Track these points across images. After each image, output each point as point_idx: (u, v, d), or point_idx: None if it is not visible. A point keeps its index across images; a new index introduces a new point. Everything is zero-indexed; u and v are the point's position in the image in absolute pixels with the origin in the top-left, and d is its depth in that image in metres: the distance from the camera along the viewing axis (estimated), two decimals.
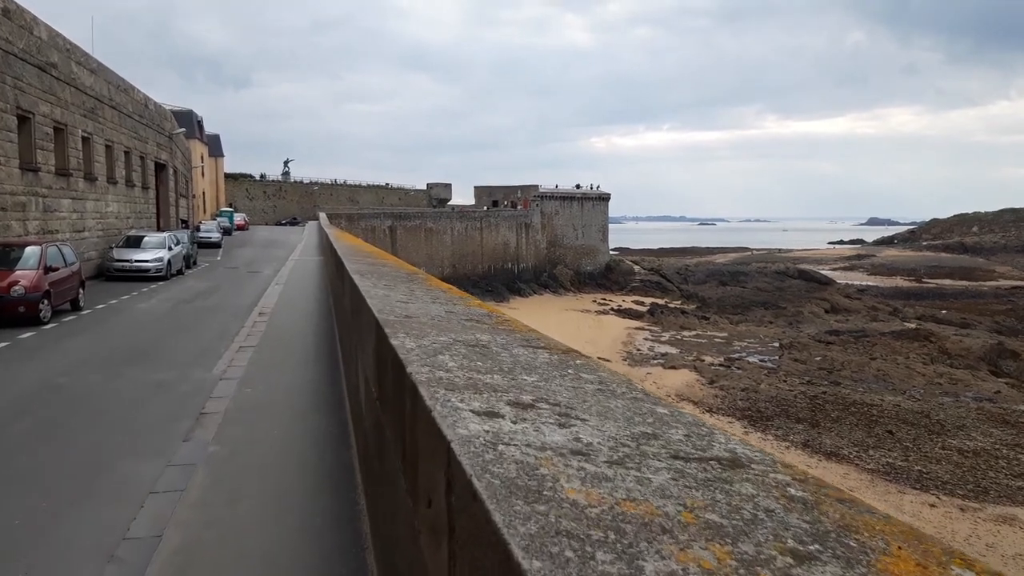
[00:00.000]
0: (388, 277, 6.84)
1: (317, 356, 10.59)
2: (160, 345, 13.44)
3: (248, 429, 7.08)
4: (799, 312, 70.96)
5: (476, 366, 2.83)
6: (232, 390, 8.84)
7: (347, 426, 6.89)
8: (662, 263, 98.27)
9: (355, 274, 6.67)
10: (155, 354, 12.53)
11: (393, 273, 7.57)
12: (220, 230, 47.83)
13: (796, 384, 37.74)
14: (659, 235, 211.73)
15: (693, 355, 50.38)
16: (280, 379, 9.22)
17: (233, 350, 12.11)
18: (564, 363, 3.06)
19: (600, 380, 2.71)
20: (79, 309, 17.90)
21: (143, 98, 33.35)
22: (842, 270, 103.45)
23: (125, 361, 11.89)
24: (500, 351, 3.25)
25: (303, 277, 24.87)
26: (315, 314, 15.35)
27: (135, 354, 12.54)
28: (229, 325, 15.30)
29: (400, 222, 75.67)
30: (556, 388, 2.50)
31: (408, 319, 4.03)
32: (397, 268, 8.54)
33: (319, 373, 9.30)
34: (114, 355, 12.52)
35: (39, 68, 21.44)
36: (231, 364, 10.76)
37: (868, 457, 26.19)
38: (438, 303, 4.98)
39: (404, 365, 2.75)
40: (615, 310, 72.96)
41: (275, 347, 11.62)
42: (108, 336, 14.56)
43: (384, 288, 5.66)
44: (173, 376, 10.56)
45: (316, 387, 8.61)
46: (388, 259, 10.65)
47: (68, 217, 23.66)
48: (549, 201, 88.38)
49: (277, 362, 10.49)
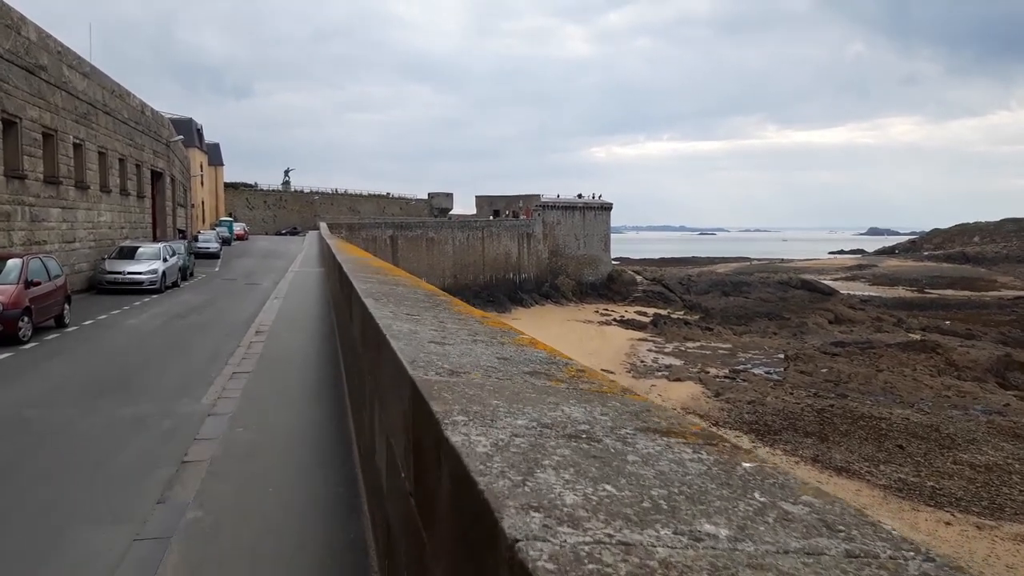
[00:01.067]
0: (408, 302, 5.57)
1: (319, 387, 9.29)
2: (146, 369, 12.14)
3: (238, 487, 5.77)
4: (803, 323, 70.16)
5: (612, 503, 1.54)
6: (222, 429, 7.54)
7: (356, 484, 5.60)
8: (664, 273, 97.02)
9: (367, 298, 5.40)
10: (139, 380, 11.23)
11: (412, 295, 6.31)
12: (219, 240, 46.52)
13: (803, 397, 37.02)
14: (659, 245, 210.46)
15: (697, 367, 49.81)
16: (277, 417, 7.92)
17: (226, 376, 10.81)
18: (729, 471, 1.79)
19: (817, 513, 1.47)
20: (64, 326, 16.59)
21: (139, 104, 32.09)
22: (844, 280, 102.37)
23: (105, 389, 10.58)
24: (619, 448, 1.96)
25: (303, 290, 23.57)
26: (316, 334, 14.05)
27: (117, 380, 11.24)
28: (223, 345, 14.00)
29: (401, 232, 74.52)
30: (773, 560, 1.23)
31: (455, 377, 2.75)
32: (413, 287, 7.29)
33: (323, 411, 8.00)
34: (94, 381, 11.21)
35: (27, 71, 20.20)
36: (222, 394, 9.46)
37: (879, 473, 25.49)
38: (480, 341, 3.71)
39: (492, 510, 1.46)
40: (618, 321, 71.96)
41: (272, 373, 10.31)
42: (91, 358, 13.26)
43: (408, 320, 4.39)
44: (156, 409, 9.26)
45: (319, 430, 7.30)
46: (400, 275, 9.39)
47: (57, 227, 22.38)
48: (551, 211, 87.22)
49: (274, 393, 9.20)
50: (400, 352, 3.10)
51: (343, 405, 7.93)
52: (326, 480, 5.79)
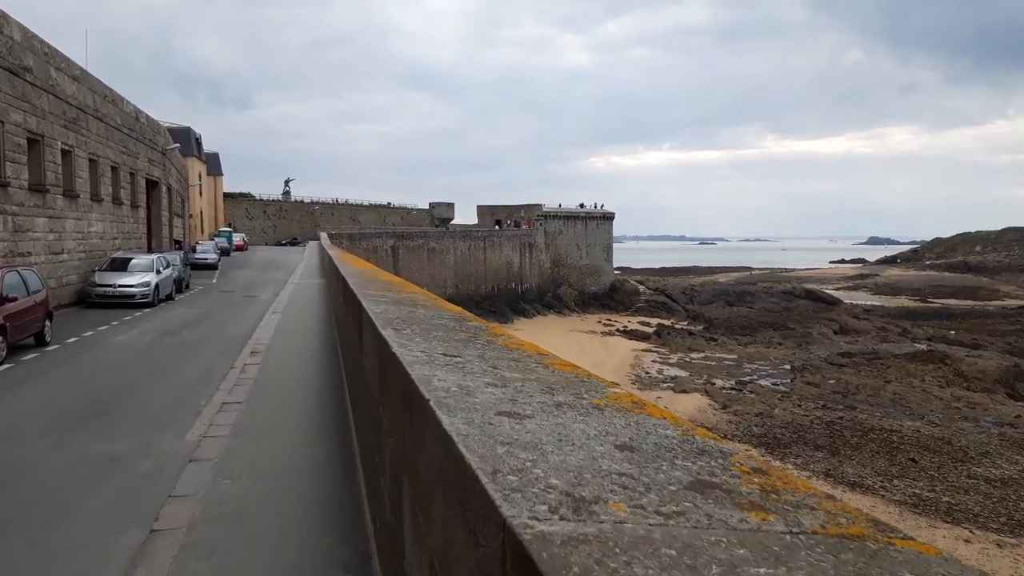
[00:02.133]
0: (437, 331, 4.26)
1: (321, 422, 7.96)
2: (129, 394, 10.79)
3: (217, 569, 4.44)
4: (808, 333, 69.31)
5: None
6: (204, 480, 6.20)
7: (371, 566, 4.28)
8: (667, 283, 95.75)
9: (386, 328, 4.10)
10: (120, 408, 9.89)
11: (437, 319, 5.00)
12: (217, 251, 45.21)
13: (811, 409, 36.26)
14: (660, 254, 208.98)
15: (703, 378, 49.29)
16: (271, 463, 6.56)
17: (216, 404, 9.48)
18: None
19: None
20: (44, 344, 15.22)
21: (133, 110, 30.75)
22: (846, 289, 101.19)
23: (79, 419, 9.25)
24: None
25: (303, 304, 22.25)
26: (317, 353, 12.72)
27: (96, 407, 9.90)
28: (216, 366, 12.66)
29: (402, 242, 73.32)
30: None
31: (585, 523, 1.40)
32: (436, 307, 5.98)
33: (325, 455, 6.65)
34: (70, 408, 9.87)
35: (10, 72, 18.90)
36: (209, 430, 8.11)
37: (893, 487, 24.80)
38: (567, 405, 2.39)
39: None
40: (621, 331, 71.01)
41: (267, 404, 8.97)
42: (69, 381, 11.91)
43: (449, 365, 3.07)
44: (134, 445, 7.93)
45: (322, 483, 5.96)
46: (414, 290, 8.07)
47: (43, 238, 21.02)
48: (553, 220, 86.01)
49: (269, 430, 7.85)
50: (463, 445, 1.78)
51: (350, 447, 6.59)
52: (330, 560, 4.44)
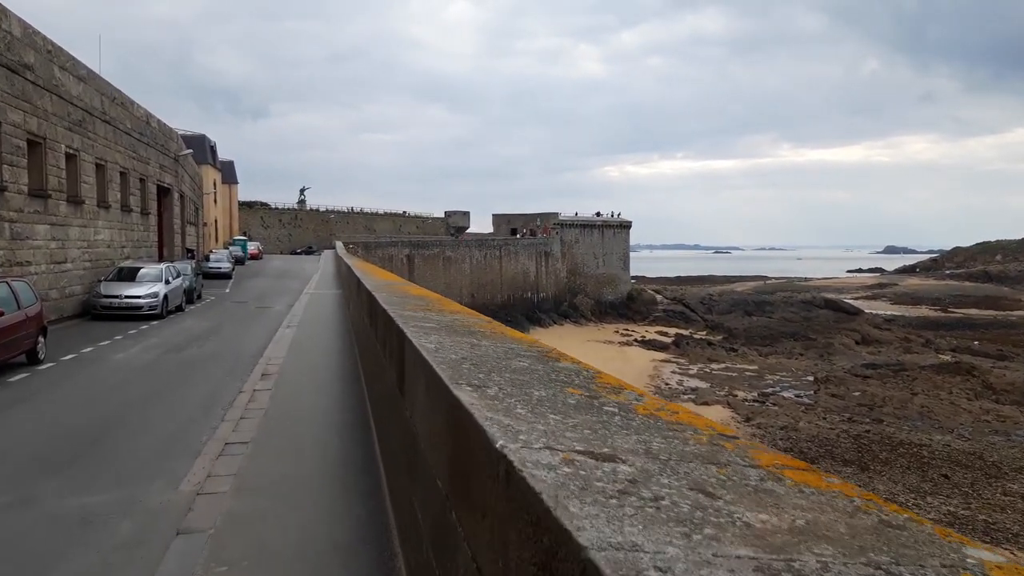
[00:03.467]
0: (538, 386, 2.70)
1: (344, 474, 6.34)
2: (120, 426, 9.21)
3: None
4: (829, 343, 67.58)
5: None
6: (191, 566, 4.60)
7: None
8: (684, 292, 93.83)
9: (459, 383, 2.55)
10: (106, 445, 8.32)
11: (520, 362, 3.42)
12: (231, 260, 43.82)
13: (836, 422, 35.15)
14: (675, 263, 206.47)
15: (725, 390, 48.10)
16: (284, 539, 4.95)
17: (218, 442, 7.89)
18: None
19: None
20: (37, 362, 13.68)
21: (144, 114, 29.31)
22: (865, 299, 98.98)
23: (58, 460, 7.68)
24: None
25: (319, 316, 20.69)
26: (336, 376, 11.13)
27: (78, 444, 8.34)
28: (222, 390, 11.09)
29: (418, 251, 72.01)
30: None
31: None
32: (501, 334, 4.44)
33: (351, 532, 5.01)
34: (49, 445, 8.31)
35: (8, 69, 17.47)
36: (206, 482, 6.50)
37: (927, 505, 23.67)
38: None
39: None
40: (639, 341, 69.53)
41: (279, 446, 7.36)
42: (56, 407, 10.35)
43: (626, 506, 1.47)
44: (113, 501, 6.34)
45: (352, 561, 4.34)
46: (458, 310, 6.47)
47: (44, 246, 19.55)
48: (569, 229, 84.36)
49: (280, 484, 6.24)
50: None
51: (383, 521, 4.96)
52: None
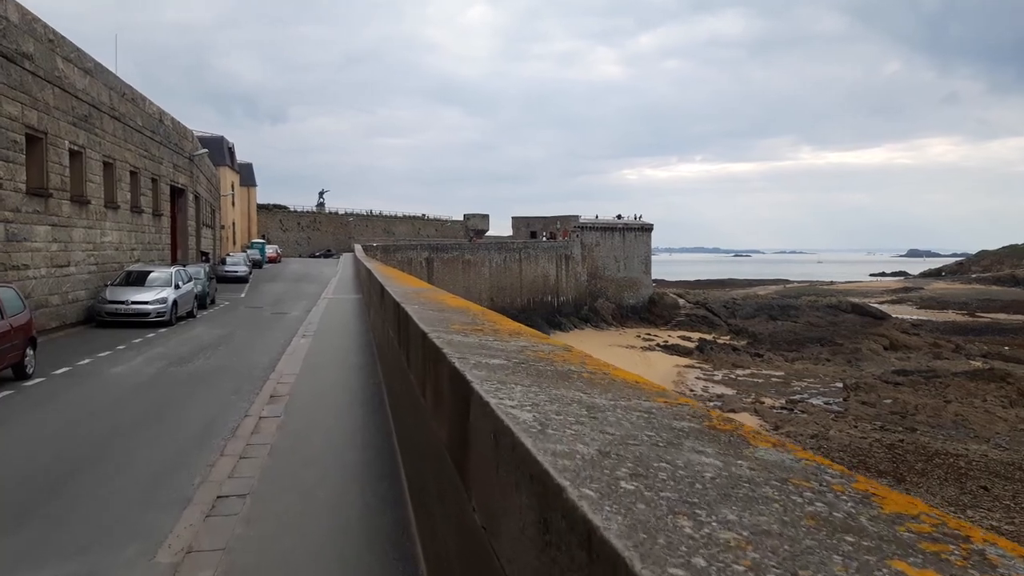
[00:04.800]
0: (720, 500, 1.05)
1: (369, 541, 4.73)
2: (99, 461, 7.62)
3: None
4: (857, 349, 65.84)
5: None
6: None
7: None
8: (707, 296, 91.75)
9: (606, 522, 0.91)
10: (77, 489, 6.73)
11: (673, 440, 1.81)
12: (248, 263, 42.32)
13: (868, 430, 33.86)
14: (694, 266, 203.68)
15: (751, 396, 46.60)
16: None
17: (212, 488, 6.29)
18: None
19: None
20: (24, 377, 12.15)
21: (157, 112, 27.86)
22: (890, 303, 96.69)
23: (20, 504, 6.14)
24: None
25: (338, 324, 19.10)
26: (355, 399, 9.49)
27: (45, 487, 6.76)
28: (224, 414, 9.50)
29: (437, 254, 70.56)
30: None
31: None
32: (583, 365, 2.91)
33: None
34: (11, 485, 6.78)
35: (4, 57, 16.00)
36: (189, 553, 4.90)
37: (969, 519, 21.87)
38: None
39: None
40: (661, 346, 67.93)
41: (286, 501, 5.71)
42: (32, 435, 8.78)
43: None
44: (75, 571, 4.80)
45: None
46: (516, 328, 4.89)
47: (44, 248, 18.07)
48: (589, 232, 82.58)
49: (288, 559, 4.63)
50: None
51: None
52: None
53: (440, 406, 3.50)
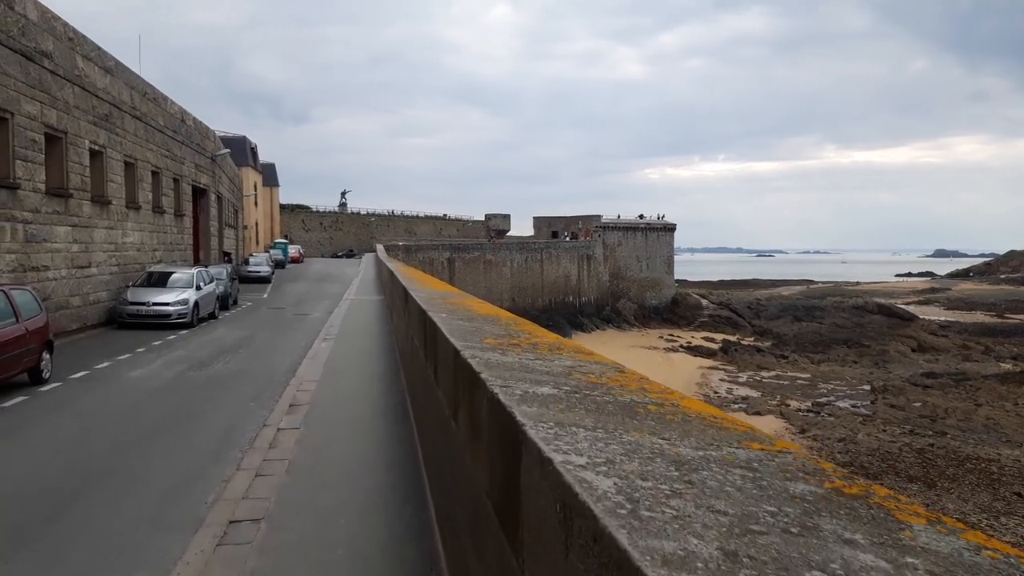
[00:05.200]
0: None
1: None
2: (104, 480, 7.15)
3: None
4: (884, 350, 64.76)
5: None
6: None
7: None
8: (731, 297, 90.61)
9: None
10: (86, 503, 6.31)
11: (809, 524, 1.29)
12: (271, 264, 42.15)
13: (897, 434, 33.28)
14: (717, 267, 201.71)
15: (777, 399, 45.98)
16: None
17: (225, 510, 5.86)
18: None
19: None
20: (40, 382, 11.83)
21: (179, 111, 27.64)
22: (916, 304, 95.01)
23: (18, 527, 5.74)
24: None
25: (360, 327, 18.69)
26: (377, 411, 9.02)
27: (53, 501, 6.35)
28: (242, 423, 9.08)
29: (458, 254, 70.23)
30: None
31: None
32: (647, 393, 2.40)
33: None
34: (16, 502, 6.37)
35: (23, 56, 15.76)
36: None
37: (1001, 526, 21.93)
38: None
39: None
40: (685, 347, 67.15)
41: (299, 531, 5.26)
42: (43, 446, 8.38)
43: None
44: None
45: None
46: (547, 337, 4.38)
47: (65, 249, 17.82)
48: (611, 232, 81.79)
49: None
50: None
51: None
52: None
53: (477, 440, 3.01)
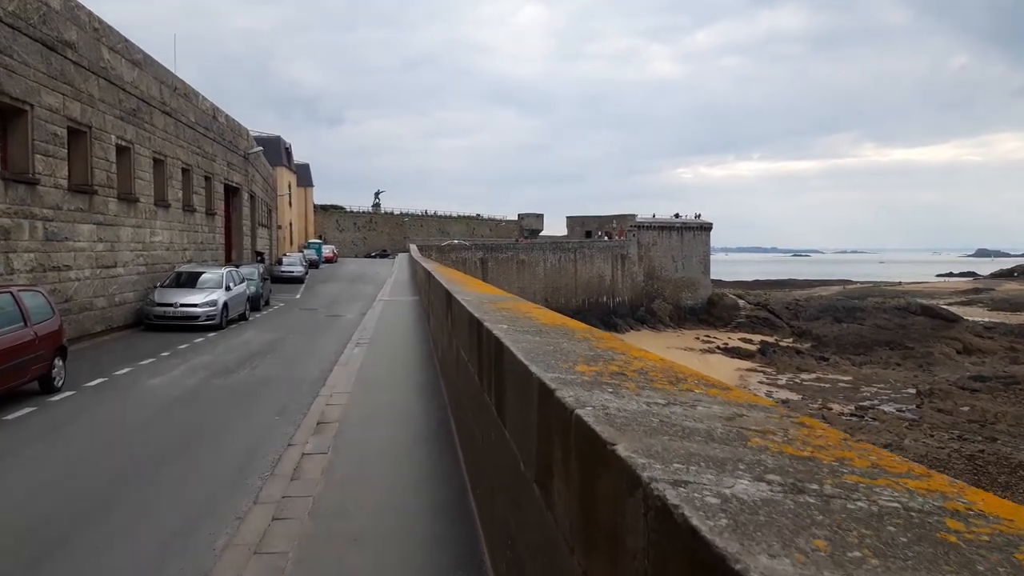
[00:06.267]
0: None
1: None
2: (114, 504, 6.07)
3: None
4: (928, 353, 62.54)
5: None
6: None
7: None
8: (769, 297, 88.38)
9: None
10: (75, 548, 5.21)
11: None
12: (304, 264, 41.35)
13: (946, 440, 32.20)
14: (752, 266, 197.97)
15: (818, 402, 44.44)
16: None
17: (239, 554, 4.72)
18: None
19: None
20: (51, 391, 10.83)
21: (210, 108, 26.76)
22: (959, 305, 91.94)
23: None
24: None
25: (394, 331, 17.57)
26: (416, 435, 7.81)
27: (40, 545, 5.29)
28: (263, 443, 7.93)
29: (491, 254, 69.18)
30: None
31: None
32: (807, 449, 1.16)
33: None
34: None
35: (44, 45, 14.85)
36: None
37: None
38: None
39: None
40: (721, 348, 65.55)
41: None
42: (41, 470, 7.26)
43: None
44: None
45: None
46: (646, 356, 3.15)
47: (89, 249, 16.90)
48: (646, 231, 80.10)
49: None
50: None
51: None
52: None
53: (603, 546, 1.77)
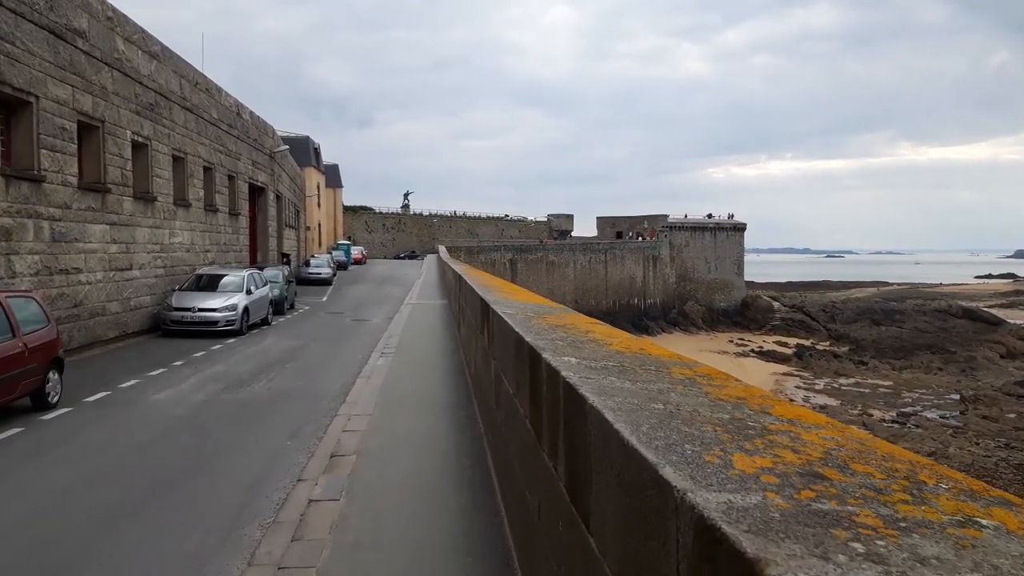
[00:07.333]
0: None
1: None
2: (84, 560, 4.95)
3: None
4: (971, 357, 60.37)
5: None
6: None
7: None
8: (804, 299, 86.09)
9: None
10: None
11: None
12: (332, 265, 40.43)
13: (992, 448, 31.14)
14: (784, 268, 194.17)
15: (858, 408, 42.90)
16: None
17: None
18: None
19: None
20: (46, 407, 9.73)
21: (234, 104, 25.73)
22: (1000, 307, 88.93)
23: None
24: None
25: (422, 339, 16.33)
26: (448, 470, 6.52)
27: None
28: (269, 476, 6.71)
29: (521, 255, 67.98)
30: None
31: None
32: None
33: None
34: None
35: (51, 33, 13.83)
36: None
37: None
38: None
39: None
40: (756, 352, 63.83)
41: None
42: (11, 509, 6.20)
43: None
44: None
45: None
46: (747, 394, 1.87)
47: (101, 250, 15.85)
48: (678, 232, 78.32)
49: None
50: None
51: None
52: None
53: None
